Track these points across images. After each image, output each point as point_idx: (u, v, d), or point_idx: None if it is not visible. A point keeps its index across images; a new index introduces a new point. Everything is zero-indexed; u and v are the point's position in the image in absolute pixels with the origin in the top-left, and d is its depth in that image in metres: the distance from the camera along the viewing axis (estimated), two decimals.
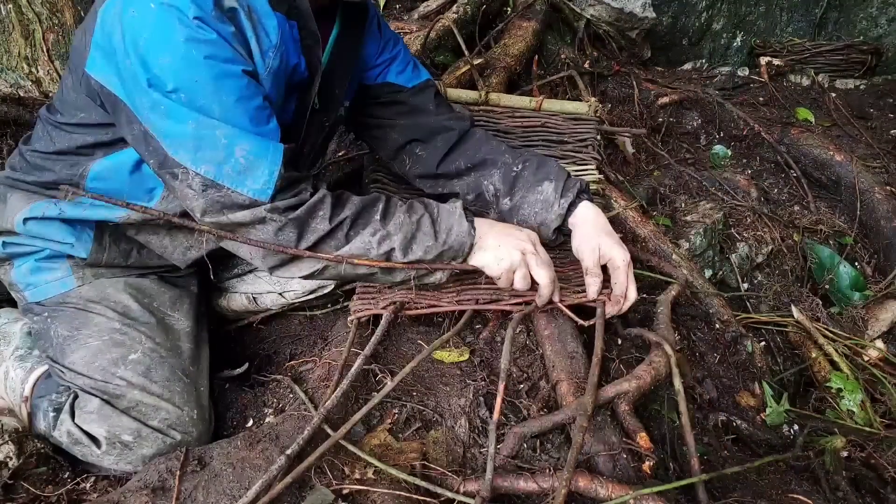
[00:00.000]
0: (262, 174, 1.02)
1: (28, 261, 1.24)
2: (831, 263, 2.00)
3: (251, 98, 1.02)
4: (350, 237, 1.11)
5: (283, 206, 1.05)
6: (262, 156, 1.02)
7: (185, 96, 0.98)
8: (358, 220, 1.12)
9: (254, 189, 1.02)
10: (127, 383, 1.14)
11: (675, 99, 2.60)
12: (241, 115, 1.01)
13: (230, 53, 1.00)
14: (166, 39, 0.96)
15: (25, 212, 1.20)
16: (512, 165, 1.36)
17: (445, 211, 1.17)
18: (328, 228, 1.08)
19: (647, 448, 1.01)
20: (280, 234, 1.07)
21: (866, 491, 1.23)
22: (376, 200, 1.16)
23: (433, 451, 1.04)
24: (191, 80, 0.97)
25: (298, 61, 1.14)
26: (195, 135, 0.99)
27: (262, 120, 1.04)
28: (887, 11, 3.66)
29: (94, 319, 1.20)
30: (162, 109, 0.98)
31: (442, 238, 1.14)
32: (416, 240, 1.13)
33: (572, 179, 1.33)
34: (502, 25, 2.58)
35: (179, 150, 1.00)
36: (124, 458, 1.12)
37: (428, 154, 1.43)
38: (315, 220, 1.09)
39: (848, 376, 1.56)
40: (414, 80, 1.44)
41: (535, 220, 1.32)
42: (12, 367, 1.26)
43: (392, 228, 1.12)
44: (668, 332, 1.26)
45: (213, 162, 1.00)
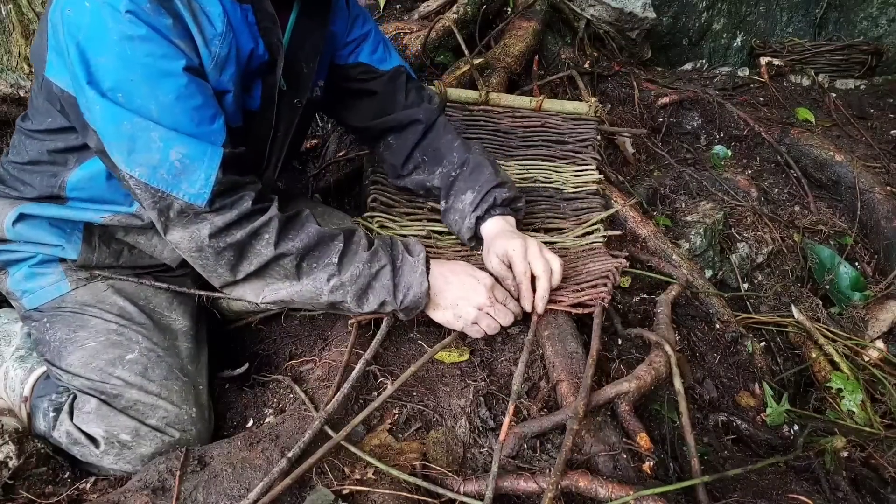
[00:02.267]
0: (199, 178, 1.00)
1: (22, 268, 1.24)
2: (831, 263, 2.00)
3: (191, 97, 1.00)
4: (302, 272, 1.09)
5: (222, 224, 1.02)
6: (198, 158, 1.00)
7: (122, 96, 0.96)
8: (311, 253, 1.09)
9: (189, 193, 1.00)
10: (124, 383, 1.14)
11: (676, 99, 2.60)
12: (180, 114, 0.99)
13: (166, 49, 0.97)
14: (101, 37, 0.94)
15: (12, 214, 1.21)
16: (453, 167, 1.41)
17: (409, 265, 1.15)
18: (272, 255, 1.05)
19: (648, 448, 1.01)
20: (219, 258, 1.05)
21: (866, 491, 1.23)
22: (334, 237, 1.12)
23: (433, 451, 1.04)
24: (126, 80, 0.96)
25: (255, 45, 1.11)
26: (130, 136, 0.97)
27: (203, 120, 1.01)
28: (887, 11, 3.66)
29: (90, 322, 1.20)
30: (98, 110, 0.97)
31: (399, 297, 1.13)
32: (373, 291, 1.12)
33: (491, 193, 1.35)
34: (502, 25, 2.58)
35: (115, 152, 0.99)
36: (123, 457, 1.12)
37: (398, 145, 1.48)
38: (259, 242, 1.06)
39: (848, 376, 1.56)
40: (386, 63, 1.45)
41: (455, 228, 1.42)
42: (12, 367, 1.26)
43: (347, 279, 1.10)
44: (668, 332, 1.26)
45: (147, 165, 0.98)
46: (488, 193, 1.34)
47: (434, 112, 1.47)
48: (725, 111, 2.58)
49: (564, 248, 1.50)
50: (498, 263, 1.24)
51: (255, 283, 1.10)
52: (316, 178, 2.06)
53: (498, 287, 1.20)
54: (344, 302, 1.11)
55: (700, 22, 3.65)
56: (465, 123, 1.89)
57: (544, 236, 1.54)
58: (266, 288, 1.10)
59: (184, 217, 1.02)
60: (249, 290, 1.11)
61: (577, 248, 1.50)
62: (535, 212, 1.62)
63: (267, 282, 1.10)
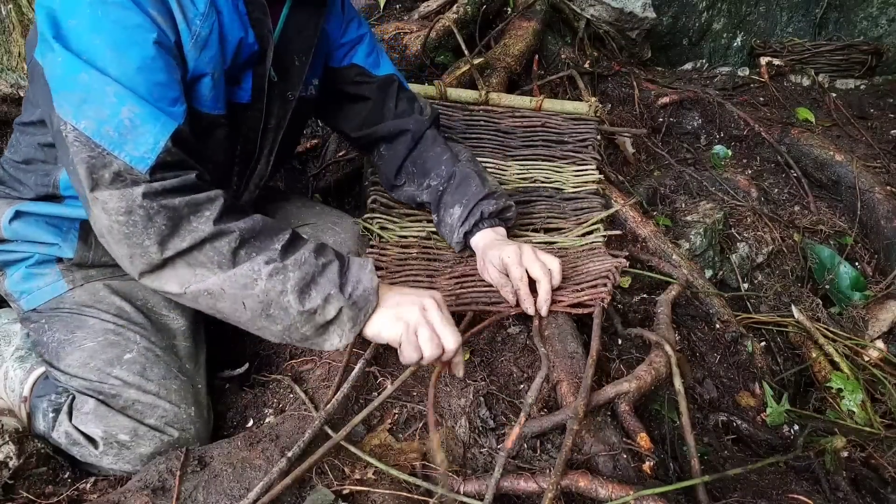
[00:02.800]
0: (146, 141, 0.93)
1: (19, 268, 1.25)
2: (832, 263, 2.00)
3: (155, 71, 0.96)
4: (238, 258, 0.95)
5: (159, 187, 0.93)
6: (150, 121, 0.94)
7: (86, 56, 0.94)
8: (252, 240, 0.97)
9: (132, 155, 0.92)
10: (122, 383, 1.14)
11: (676, 99, 2.60)
12: (139, 84, 0.94)
13: (138, 19, 0.95)
14: (76, 2, 0.94)
15: (9, 212, 1.21)
16: (441, 181, 1.42)
17: (356, 263, 1.03)
18: (210, 231, 0.94)
19: (648, 448, 1.01)
20: (150, 224, 0.92)
21: (866, 491, 1.23)
22: (282, 230, 1.01)
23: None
24: (93, 43, 0.94)
25: (245, 34, 1.10)
26: (84, 87, 0.92)
27: (162, 97, 0.97)
28: (887, 11, 3.66)
29: (88, 322, 1.20)
30: (59, 61, 0.94)
31: (348, 290, 0.98)
32: (317, 283, 0.97)
33: (478, 207, 1.35)
34: (502, 25, 2.58)
35: (64, 104, 0.93)
36: (122, 457, 1.12)
37: (389, 156, 1.49)
38: (198, 218, 0.94)
39: (848, 376, 1.56)
40: (379, 68, 1.45)
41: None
42: (12, 367, 1.26)
43: (290, 263, 0.96)
44: (668, 332, 1.26)
45: (94, 118, 0.92)
46: (475, 207, 1.36)
47: (424, 123, 1.47)
48: (725, 111, 2.58)
49: (564, 248, 1.50)
50: (497, 273, 1.25)
51: (181, 270, 0.96)
52: (316, 178, 2.06)
53: (445, 308, 1.05)
54: (283, 293, 0.95)
55: (700, 22, 3.65)
56: (465, 123, 1.89)
57: (544, 236, 1.54)
58: (193, 276, 0.95)
59: (118, 181, 0.93)
60: (173, 279, 0.96)
61: (577, 248, 1.50)
62: (535, 212, 1.62)
63: (195, 270, 0.95)
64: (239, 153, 1.23)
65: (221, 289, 0.96)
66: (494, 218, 1.38)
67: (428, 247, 1.49)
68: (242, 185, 1.29)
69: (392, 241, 1.50)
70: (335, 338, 1.00)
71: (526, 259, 1.22)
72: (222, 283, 0.95)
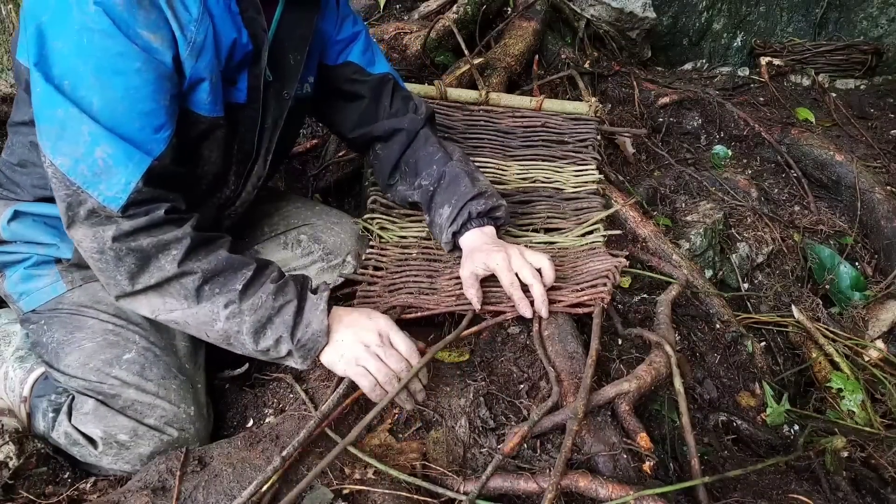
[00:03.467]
0: (118, 182, 0.97)
1: (18, 269, 1.24)
2: (832, 263, 2.00)
3: (139, 101, 0.98)
4: (202, 295, 1.03)
5: (129, 228, 0.98)
6: (122, 163, 0.97)
7: (68, 83, 0.95)
8: (216, 278, 1.03)
9: (106, 195, 0.97)
10: (122, 383, 1.14)
11: (676, 99, 2.60)
12: (122, 114, 0.97)
13: (125, 48, 0.95)
14: (62, 24, 0.94)
15: (7, 213, 1.21)
16: (431, 181, 1.42)
17: (311, 301, 1.08)
18: (174, 272, 1.01)
19: (648, 448, 1.01)
20: (120, 263, 1.00)
21: (866, 491, 1.23)
22: (245, 266, 1.06)
23: (433, 451, 1.04)
24: (76, 71, 0.95)
25: (238, 35, 1.10)
26: (61, 123, 0.95)
27: (145, 126, 0.99)
28: (887, 11, 3.66)
29: (87, 322, 1.20)
30: (38, 91, 0.96)
31: (297, 335, 1.05)
32: (272, 324, 1.04)
33: (466, 207, 1.35)
34: (502, 25, 2.58)
35: (43, 136, 0.98)
36: (122, 457, 1.12)
37: (385, 155, 1.49)
38: (165, 257, 1.01)
39: (848, 376, 1.56)
40: (374, 66, 1.45)
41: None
42: (12, 367, 1.26)
43: (247, 307, 1.03)
44: (668, 332, 1.26)
45: (70, 156, 0.96)
46: (463, 207, 1.35)
47: (419, 122, 1.47)
48: (725, 111, 2.59)
49: (564, 248, 1.50)
50: (467, 273, 1.25)
51: (153, 298, 1.04)
52: (316, 178, 2.06)
53: (395, 331, 1.11)
54: (240, 333, 1.04)
55: (700, 22, 3.65)
56: (465, 123, 1.89)
57: (544, 236, 1.54)
58: (163, 305, 1.05)
59: (93, 217, 0.99)
60: (145, 305, 1.05)
61: (577, 248, 1.50)
62: (535, 212, 1.62)
63: (164, 299, 1.04)
64: (236, 153, 1.23)
65: (186, 321, 1.06)
66: (483, 217, 1.37)
67: (428, 247, 1.49)
68: (240, 185, 1.29)
69: (392, 242, 1.50)
70: (292, 364, 1.10)
71: (515, 264, 1.22)
72: (187, 316, 1.05)
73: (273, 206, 1.52)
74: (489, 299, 1.28)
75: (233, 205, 1.30)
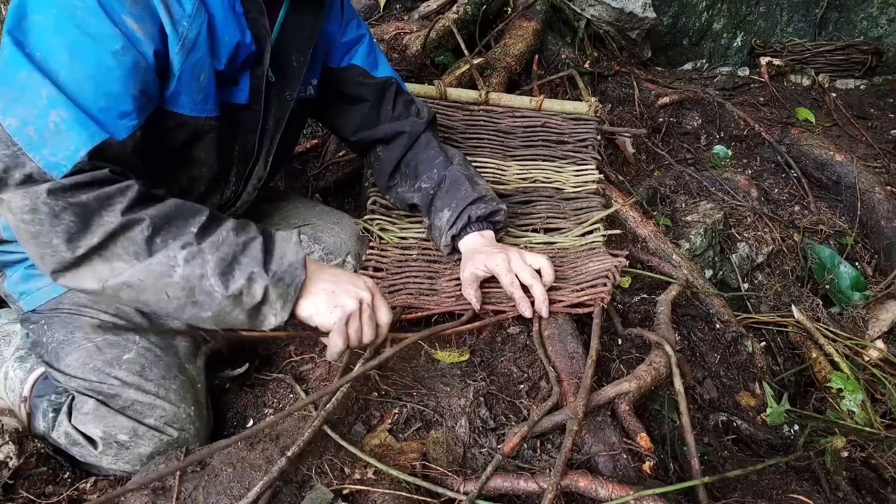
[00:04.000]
0: (67, 147, 0.89)
1: (18, 269, 1.24)
2: (832, 263, 2.00)
3: (109, 82, 0.93)
4: (153, 246, 0.91)
5: (67, 184, 0.87)
6: (76, 128, 0.89)
7: (40, 55, 0.91)
8: (166, 226, 0.93)
9: (49, 160, 0.88)
10: (121, 383, 1.13)
11: (676, 99, 2.60)
12: (85, 90, 0.91)
13: (106, 29, 0.92)
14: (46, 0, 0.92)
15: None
16: (431, 185, 1.42)
17: (281, 237, 1.01)
18: (119, 222, 0.89)
19: (648, 448, 1.01)
20: (56, 221, 0.88)
21: (866, 491, 1.23)
22: (198, 211, 0.97)
23: (433, 451, 1.04)
24: (51, 44, 0.91)
25: (242, 36, 1.09)
26: (20, 85, 0.89)
27: (107, 108, 0.93)
28: (887, 11, 3.66)
29: (87, 322, 1.20)
30: (5, 55, 0.91)
31: (272, 267, 0.95)
32: (239, 262, 0.94)
33: (466, 211, 1.35)
34: (502, 25, 2.58)
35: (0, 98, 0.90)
36: (122, 457, 1.12)
37: (386, 157, 1.49)
38: (108, 211, 0.89)
39: (848, 376, 1.56)
40: (378, 70, 1.45)
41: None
42: (12, 367, 1.26)
43: (207, 245, 0.93)
44: (668, 332, 1.26)
45: (20, 116, 0.89)
46: (463, 211, 1.36)
47: (421, 125, 1.48)
48: (725, 111, 2.59)
49: (564, 248, 1.50)
50: (468, 273, 1.26)
51: (97, 266, 0.91)
52: (316, 178, 2.06)
53: (380, 296, 1.06)
54: (203, 277, 0.91)
55: (700, 22, 3.65)
56: (465, 123, 1.89)
57: (544, 236, 1.54)
58: (110, 271, 0.91)
59: (28, 182, 0.89)
60: (89, 275, 0.92)
61: (577, 247, 1.50)
62: (535, 212, 1.62)
63: (111, 264, 0.91)
64: (237, 154, 1.23)
65: (140, 280, 0.92)
66: (483, 221, 1.38)
67: (428, 248, 1.49)
68: (241, 186, 1.29)
69: (392, 243, 1.50)
70: (270, 318, 0.97)
71: (515, 265, 1.23)
72: (140, 273, 0.91)
73: (273, 206, 1.52)
74: (489, 299, 1.28)
75: (233, 205, 1.30)
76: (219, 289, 0.93)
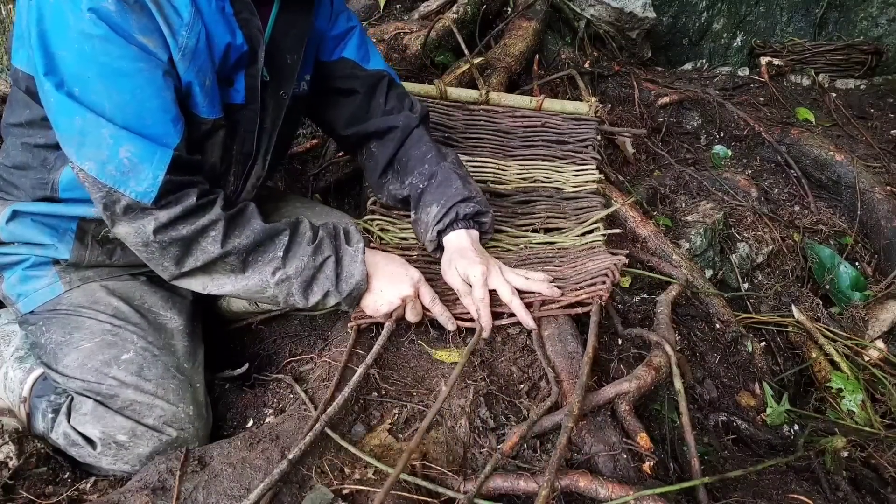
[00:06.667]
0: (147, 177, 1.02)
1: (16, 271, 1.24)
2: (832, 263, 2.00)
3: (147, 99, 1.01)
4: (248, 266, 1.13)
5: (166, 220, 1.05)
6: (146, 159, 1.02)
7: (77, 90, 0.99)
8: (257, 250, 1.13)
9: (137, 191, 1.02)
10: (120, 383, 1.14)
11: (676, 99, 2.60)
12: (132, 114, 1.01)
13: (125, 51, 0.98)
14: (62, 32, 0.97)
15: (6, 213, 1.21)
16: (422, 179, 1.42)
17: (349, 254, 1.19)
18: (219, 252, 1.09)
19: (648, 448, 1.01)
20: (165, 252, 1.08)
21: (866, 491, 1.23)
22: (280, 232, 1.15)
23: (433, 451, 1.04)
24: (83, 76, 0.98)
25: (233, 37, 1.11)
26: (80, 130, 1.00)
27: (157, 122, 1.03)
28: (887, 11, 3.66)
29: (85, 323, 1.20)
30: (52, 102, 1.00)
31: (343, 287, 1.17)
32: (317, 282, 1.16)
33: (454, 208, 1.35)
34: (502, 25, 2.58)
35: (66, 144, 1.03)
36: (121, 457, 1.12)
37: (379, 153, 1.48)
38: (206, 240, 1.08)
39: (848, 376, 1.56)
40: (369, 62, 1.45)
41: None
42: (12, 367, 1.26)
43: (292, 271, 1.13)
44: (668, 332, 1.26)
45: (96, 160, 1.01)
46: (452, 208, 1.35)
47: (414, 120, 1.46)
48: (725, 111, 2.59)
49: (564, 247, 1.50)
50: (460, 282, 1.26)
51: (201, 277, 1.14)
52: (316, 178, 2.06)
53: (424, 284, 1.22)
54: (290, 295, 1.15)
55: (700, 22, 3.65)
56: (466, 123, 1.89)
57: (544, 236, 1.54)
58: (211, 282, 1.14)
59: (130, 213, 1.04)
60: (196, 282, 1.14)
61: (577, 247, 1.50)
62: (535, 212, 1.62)
63: (212, 276, 1.13)
64: (236, 154, 1.23)
65: (238, 291, 1.15)
66: (470, 220, 1.37)
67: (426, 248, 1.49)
68: (240, 185, 1.29)
69: (392, 243, 1.50)
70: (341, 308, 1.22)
71: (493, 281, 1.24)
72: (237, 288, 1.14)
73: (273, 206, 1.52)
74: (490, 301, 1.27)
75: (234, 205, 1.30)
76: (301, 302, 1.16)
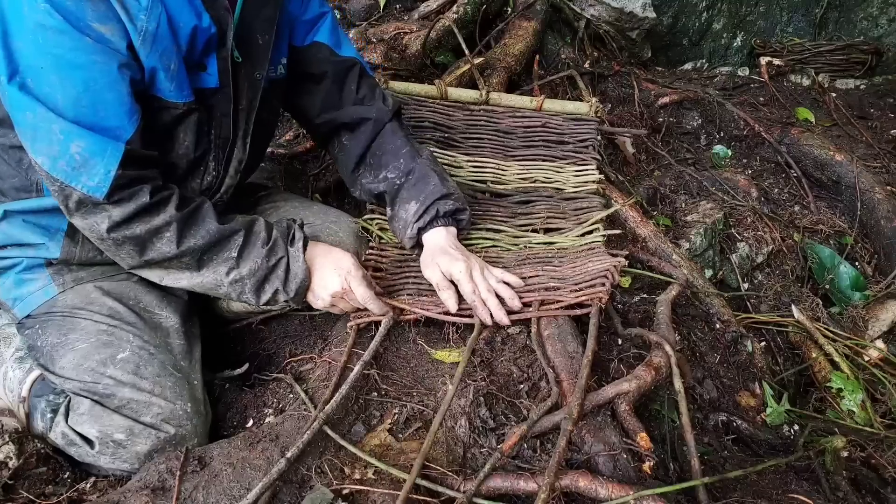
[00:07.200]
0: (98, 172, 1.02)
1: (10, 276, 1.24)
2: (832, 263, 2.00)
3: (101, 91, 1.01)
4: (203, 265, 1.16)
5: (119, 218, 1.05)
6: (98, 153, 1.02)
7: (31, 82, 0.98)
8: (212, 250, 1.15)
9: (89, 186, 1.03)
10: (116, 382, 1.13)
11: (676, 99, 2.60)
12: (86, 107, 1.00)
13: (79, 42, 0.97)
14: (18, 24, 0.97)
15: None
16: (398, 175, 1.42)
17: (292, 254, 1.21)
18: (174, 252, 1.11)
19: (648, 448, 1.01)
20: (121, 248, 1.10)
21: (866, 491, 1.23)
22: (235, 233, 1.17)
23: (433, 451, 1.04)
24: (37, 67, 0.98)
25: (199, 20, 1.09)
26: (32, 126, 1.00)
27: (109, 115, 1.02)
28: (887, 11, 3.66)
29: (80, 324, 1.19)
30: (7, 95, 1.00)
31: (290, 287, 1.20)
32: (269, 282, 1.19)
33: (434, 206, 1.35)
34: (502, 25, 2.58)
35: (22, 138, 1.03)
36: (119, 456, 1.11)
37: (351, 145, 1.48)
38: (160, 241, 1.10)
39: (848, 376, 1.56)
40: (342, 49, 1.44)
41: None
42: (11, 367, 1.26)
43: (246, 272, 1.16)
44: (668, 332, 1.26)
45: (48, 155, 1.01)
46: (432, 205, 1.35)
47: (387, 113, 1.45)
48: (725, 111, 2.58)
49: (564, 248, 1.50)
50: (439, 276, 1.27)
51: (158, 271, 1.17)
52: (316, 178, 2.06)
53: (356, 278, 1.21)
54: (243, 293, 1.19)
55: (700, 22, 3.64)
56: (466, 123, 1.89)
57: (544, 236, 1.54)
58: (167, 275, 1.18)
59: (83, 207, 1.05)
60: (153, 275, 1.18)
61: (577, 247, 1.50)
62: (535, 212, 1.62)
63: (168, 271, 1.17)
64: (214, 138, 1.23)
65: (193, 285, 1.19)
66: (449, 217, 1.37)
67: None
68: (222, 169, 1.28)
69: (392, 243, 1.50)
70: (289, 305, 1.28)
71: (475, 276, 1.25)
72: (193, 283, 1.18)
73: (272, 206, 1.51)
74: None
75: (218, 191, 1.30)
76: (253, 300, 1.20)
